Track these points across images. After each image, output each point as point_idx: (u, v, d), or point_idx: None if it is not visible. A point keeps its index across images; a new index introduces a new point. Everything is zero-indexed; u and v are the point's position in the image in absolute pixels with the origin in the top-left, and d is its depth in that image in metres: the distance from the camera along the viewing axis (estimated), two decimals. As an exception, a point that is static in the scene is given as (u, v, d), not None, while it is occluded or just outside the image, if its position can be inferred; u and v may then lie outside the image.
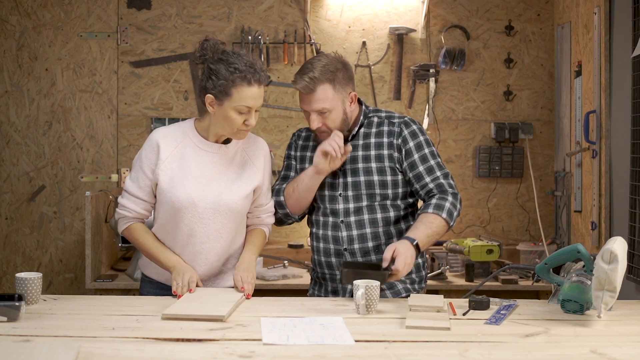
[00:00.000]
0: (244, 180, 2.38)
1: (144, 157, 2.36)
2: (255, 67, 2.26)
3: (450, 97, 4.04)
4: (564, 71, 3.83)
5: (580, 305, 2.01)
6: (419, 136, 2.45)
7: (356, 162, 2.45)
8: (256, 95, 2.27)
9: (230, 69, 2.24)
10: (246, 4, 3.99)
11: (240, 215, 2.40)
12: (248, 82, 2.24)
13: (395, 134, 2.45)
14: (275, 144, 4.01)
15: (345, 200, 2.44)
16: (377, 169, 2.43)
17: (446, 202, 2.35)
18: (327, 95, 2.35)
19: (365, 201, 2.43)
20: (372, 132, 2.48)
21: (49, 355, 1.54)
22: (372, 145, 2.46)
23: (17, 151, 3.96)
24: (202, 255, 2.37)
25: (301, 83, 2.35)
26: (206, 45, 2.32)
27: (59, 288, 3.97)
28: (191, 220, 2.33)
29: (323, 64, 2.35)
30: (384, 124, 2.48)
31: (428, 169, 2.42)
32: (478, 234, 4.01)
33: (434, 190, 2.40)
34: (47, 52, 3.96)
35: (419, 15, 4.00)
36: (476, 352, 1.64)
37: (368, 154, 2.45)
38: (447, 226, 2.36)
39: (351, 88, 2.42)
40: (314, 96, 2.35)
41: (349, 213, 2.44)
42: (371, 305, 2.05)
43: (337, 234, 2.45)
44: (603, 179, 3.25)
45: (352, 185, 2.44)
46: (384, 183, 2.42)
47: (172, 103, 3.98)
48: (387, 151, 2.44)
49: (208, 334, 1.77)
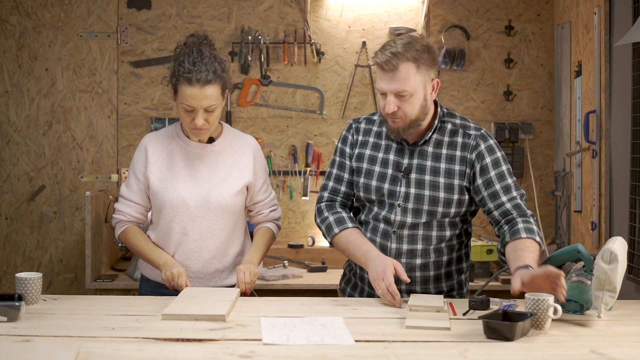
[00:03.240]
0: (233, 178, 2.41)
1: (135, 162, 2.43)
2: (201, 68, 2.23)
3: (450, 97, 4.03)
4: (564, 71, 3.83)
5: (580, 305, 2.01)
6: (497, 152, 2.25)
7: (423, 173, 2.25)
8: (198, 96, 2.24)
9: (178, 66, 2.27)
10: (246, 4, 3.99)
11: (233, 212, 2.42)
12: (189, 82, 2.24)
13: (470, 148, 2.25)
14: (275, 144, 4.01)
15: (404, 213, 2.25)
16: (445, 185, 2.24)
17: (532, 225, 2.16)
18: (410, 75, 2.13)
19: (425, 217, 2.25)
20: (445, 142, 2.27)
21: (49, 355, 1.54)
22: (443, 157, 2.25)
23: (17, 151, 3.96)
24: (195, 253, 2.40)
25: (383, 57, 2.13)
26: (188, 41, 2.37)
27: (59, 288, 3.97)
28: (183, 219, 2.37)
29: (407, 42, 2.15)
30: (458, 133, 2.27)
31: (505, 188, 2.22)
32: (478, 234, 4.01)
33: (512, 211, 2.20)
34: (47, 52, 3.95)
35: (419, 15, 4.00)
36: (476, 352, 1.64)
37: (437, 166, 2.25)
38: (540, 250, 2.14)
39: (434, 74, 2.20)
40: (396, 74, 2.13)
41: (404, 226, 2.26)
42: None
43: (386, 243, 2.28)
44: (603, 179, 3.25)
45: (415, 197, 2.24)
46: (449, 201, 2.24)
47: (172, 103, 3.98)
48: (459, 167, 2.24)
49: (208, 334, 1.77)
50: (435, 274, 2.30)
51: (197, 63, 2.25)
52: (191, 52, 2.29)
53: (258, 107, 4.01)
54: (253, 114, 4.01)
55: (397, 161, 2.29)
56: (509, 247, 2.14)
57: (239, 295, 2.22)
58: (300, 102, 4.01)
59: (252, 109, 4.00)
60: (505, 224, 2.21)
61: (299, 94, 4.02)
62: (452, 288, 2.35)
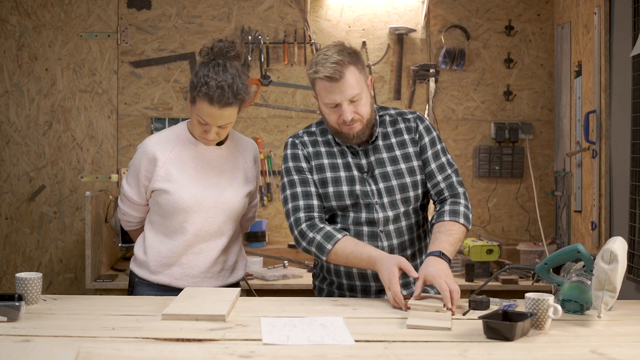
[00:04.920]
0: (241, 180, 2.45)
1: (140, 166, 2.39)
2: (224, 89, 2.22)
3: (450, 97, 4.03)
4: (564, 71, 3.83)
5: (580, 305, 2.01)
6: (432, 132, 2.34)
7: (384, 166, 2.30)
8: (216, 116, 2.26)
9: (202, 80, 2.25)
10: (246, 4, 3.99)
11: (240, 212, 2.46)
12: (210, 101, 2.24)
13: (413, 129, 2.33)
14: (275, 144, 4.01)
15: (383, 209, 2.27)
16: (408, 169, 2.30)
17: (460, 207, 2.25)
18: (356, 78, 2.17)
19: (402, 207, 2.28)
20: (390, 132, 2.33)
21: (49, 355, 1.54)
22: (395, 145, 2.32)
23: (17, 151, 3.96)
24: (205, 253, 2.42)
25: (327, 70, 2.14)
26: (215, 46, 2.33)
27: (59, 288, 3.97)
28: (197, 220, 2.37)
29: (338, 49, 2.18)
30: (398, 121, 2.35)
31: (440, 167, 2.30)
32: (478, 234, 4.01)
33: (445, 191, 2.29)
34: (47, 52, 3.95)
35: (419, 15, 4.00)
36: (476, 352, 1.64)
37: (394, 155, 2.31)
38: (466, 230, 2.25)
39: (368, 72, 2.28)
40: (345, 82, 2.15)
41: (389, 221, 2.28)
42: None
43: (376, 244, 2.26)
44: (603, 179, 3.25)
45: (386, 191, 2.28)
46: (415, 184, 2.29)
47: (172, 103, 3.98)
48: (412, 149, 2.32)
49: (208, 334, 1.77)
50: (420, 262, 2.33)
51: (221, 82, 2.22)
52: (217, 68, 2.26)
53: (258, 107, 4.01)
54: (253, 114, 4.01)
55: (357, 163, 2.31)
56: (434, 229, 2.23)
57: (239, 295, 2.22)
58: (300, 102, 4.01)
59: (252, 109, 4.00)
60: (438, 203, 2.32)
61: (299, 94, 4.01)
62: None
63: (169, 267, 2.42)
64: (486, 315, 1.81)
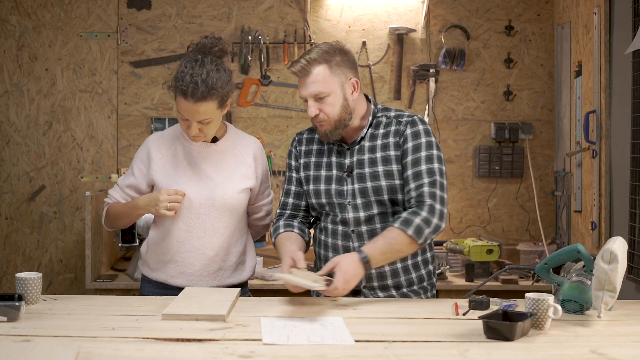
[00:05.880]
0: (238, 176, 2.44)
1: (137, 158, 2.48)
2: (197, 84, 2.22)
3: (450, 97, 4.04)
4: (564, 71, 3.83)
5: (580, 305, 2.01)
6: (421, 138, 2.26)
7: (362, 167, 2.29)
8: (191, 110, 2.26)
9: (179, 75, 2.27)
10: (246, 4, 3.99)
11: (236, 210, 2.44)
12: (184, 95, 2.25)
13: (400, 133, 2.28)
14: (275, 144, 4.01)
15: (355, 209, 2.28)
16: (385, 172, 2.26)
17: (416, 217, 2.16)
18: (323, 77, 2.21)
19: (377, 209, 2.27)
20: (379, 134, 2.31)
21: (49, 355, 1.54)
22: (378, 147, 2.30)
23: (17, 151, 3.96)
24: (199, 250, 2.42)
25: (297, 66, 2.23)
26: (200, 42, 2.34)
27: (59, 288, 3.97)
28: (187, 217, 2.39)
29: (320, 48, 2.25)
30: (392, 123, 2.32)
31: (415, 175, 2.23)
32: (478, 234, 4.01)
33: (413, 200, 2.21)
34: (47, 52, 3.96)
35: (419, 15, 4.00)
36: (476, 352, 1.64)
37: (374, 157, 2.29)
38: (413, 244, 2.16)
39: (352, 74, 2.26)
40: (310, 78, 2.21)
41: (360, 222, 2.28)
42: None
43: (348, 244, 2.30)
44: (603, 179, 3.25)
45: (360, 192, 2.28)
46: (392, 188, 2.26)
47: (172, 103, 3.98)
48: (394, 152, 2.27)
49: (208, 334, 1.77)
50: (391, 269, 2.31)
51: (195, 77, 2.23)
52: (194, 63, 2.27)
53: (258, 107, 4.01)
54: (253, 114, 4.01)
55: (340, 162, 2.34)
56: (383, 230, 2.21)
57: (239, 295, 2.22)
58: (300, 102, 4.01)
59: (252, 109, 4.00)
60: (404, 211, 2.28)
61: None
62: (411, 282, 2.35)
63: (165, 264, 2.44)
64: (486, 315, 1.82)
